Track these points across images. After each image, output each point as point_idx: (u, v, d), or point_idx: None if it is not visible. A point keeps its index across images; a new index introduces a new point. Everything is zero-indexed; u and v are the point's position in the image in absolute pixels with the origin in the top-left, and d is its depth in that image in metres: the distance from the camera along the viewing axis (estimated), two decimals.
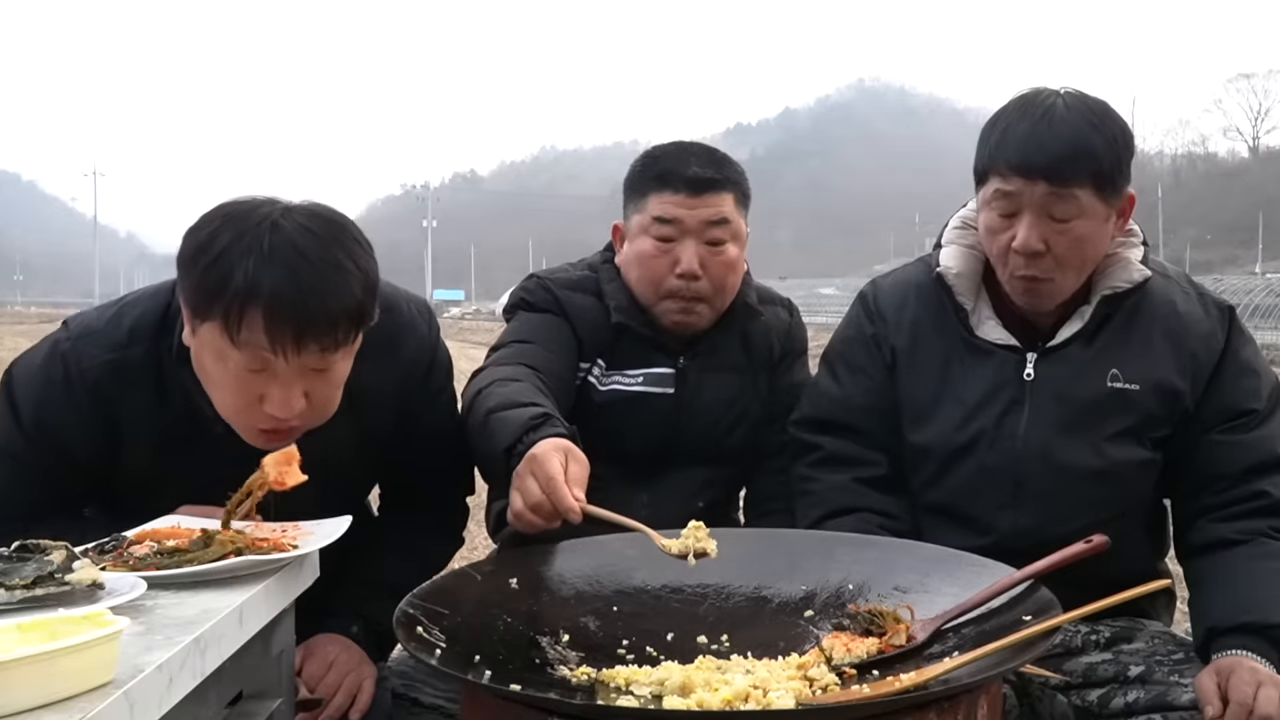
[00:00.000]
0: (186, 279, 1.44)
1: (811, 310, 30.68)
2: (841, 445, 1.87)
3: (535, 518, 1.46)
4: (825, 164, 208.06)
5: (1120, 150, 1.65)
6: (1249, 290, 23.90)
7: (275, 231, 1.41)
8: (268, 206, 1.46)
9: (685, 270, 1.91)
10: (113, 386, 1.55)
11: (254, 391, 1.45)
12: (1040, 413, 1.73)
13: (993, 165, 1.67)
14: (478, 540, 4.35)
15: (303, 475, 1.33)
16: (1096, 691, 1.68)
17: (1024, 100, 1.69)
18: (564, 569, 1.54)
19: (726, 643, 1.42)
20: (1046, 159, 1.61)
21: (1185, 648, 1.70)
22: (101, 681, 0.88)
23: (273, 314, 1.38)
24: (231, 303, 1.38)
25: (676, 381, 1.98)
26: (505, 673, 1.22)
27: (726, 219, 1.93)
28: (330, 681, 1.60)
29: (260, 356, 1.41)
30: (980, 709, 1.17)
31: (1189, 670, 1.62)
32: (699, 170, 1.92)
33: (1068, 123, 1.62)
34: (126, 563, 1.25)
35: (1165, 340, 1.75)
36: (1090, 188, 1.62)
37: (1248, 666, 1.51)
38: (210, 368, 1.46)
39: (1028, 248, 1.64)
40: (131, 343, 1.56)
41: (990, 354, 1.77)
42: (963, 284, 1.79)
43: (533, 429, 1.54)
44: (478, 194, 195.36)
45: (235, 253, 1.40)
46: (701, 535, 1.41)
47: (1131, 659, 1.69)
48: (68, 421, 1.56)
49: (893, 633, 1.33)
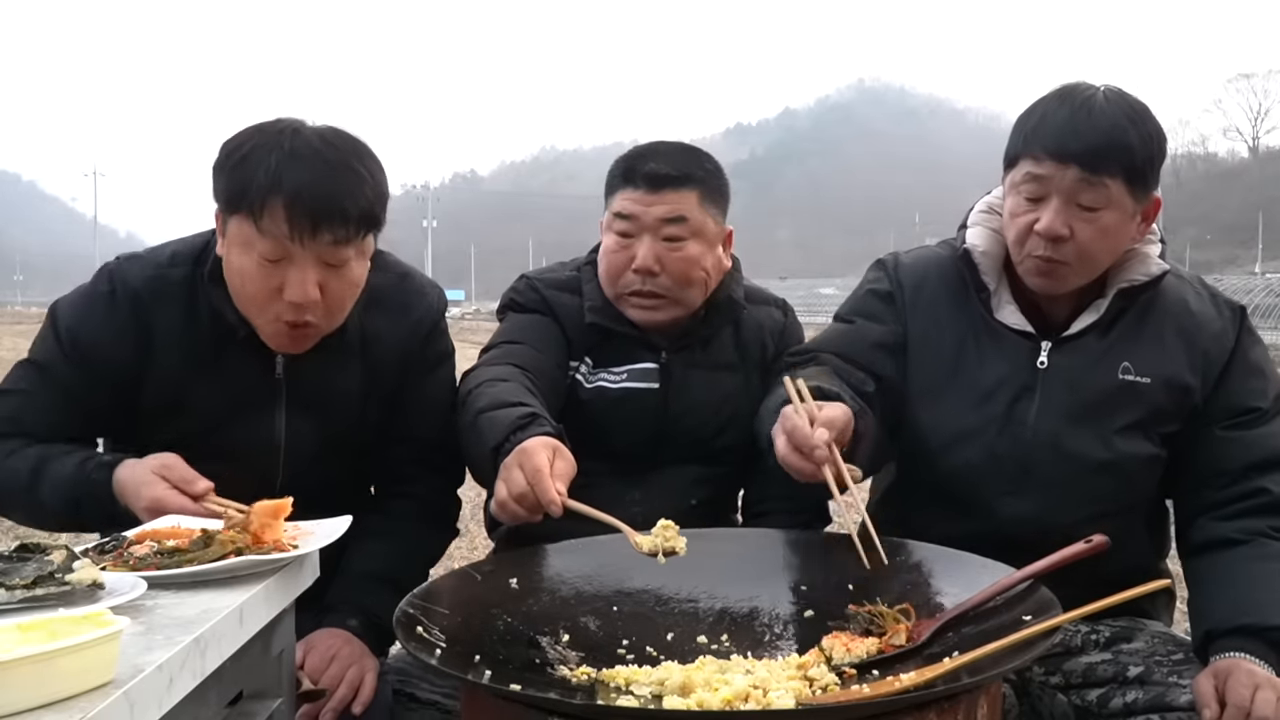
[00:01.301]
0: (219, 181, 1.62)
1: (811, 310, 30.68)
2: (835, 360, 1.82)
3: (518, 508, 1.49)
4: (825, 164, 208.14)
5: (1154, 150, 1.66)
6: (1249, 290, 23.90)
7: (297, 136, 1.61)
8: (292, 121, 1.65)
9: (639, 266, 1.92)
10: (152, 300, 1.70)
11: (274, 282, 1.59)
12: (1051, 401, 1.73)
13: (1027, 148, 1.67)
14: (478, 540, 4.36)
15: (282, 532, 1.35)
16: (1096, 691, 1.68)
17: (1065, 90, 1.70)
18: (564, 569, 1.54)
19: (726, 643, 1.42)
20: (1082, 145, 1.62)
21: (1184, 648, 1.69)
22: (101, 681, 0.88)
23: (292, 204, 1.55)
24: (256, 194, 1.56)
25: (661, 377, 1.99)
26: (505, 673, 1.22)
27: (683, 216, 1.92)
28: (332, 674, 1.60)
29: (281, 244, 1.57)
30: (980, 709, 1.17)
31: (1188, 671, 1.62)
32: (657, 167, 1.93)
33: (1106, 114, 1.63)
34: (126, 563, 1.25)
35: (1178, 337, 1.75)
36: (1121, 179, 1.62)
37: (1245, 669, 1.51)
38: (237, 261, 1.61)
39: (1051, 231, 1.64)
40: (173, 264, 1.73)
41: (1005, 339, 1.77)
42: (987, 263, 1.79)
43: (520, 428, 1.57)
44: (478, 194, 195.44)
45: (261, 153, 1.58)
46: (670, 534, 1.44)
47: (1131, 659, 1.69)
48: (105, 335, 1.69)
49: (893, 633, 1.34)
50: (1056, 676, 1.74)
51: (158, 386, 1.70)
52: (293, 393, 1.74)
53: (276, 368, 1.73)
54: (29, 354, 1.75)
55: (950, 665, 1.18)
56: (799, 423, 1.52)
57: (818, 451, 1.48)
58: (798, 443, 1.50)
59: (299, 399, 1.74)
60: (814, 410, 1.54)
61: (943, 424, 1.78)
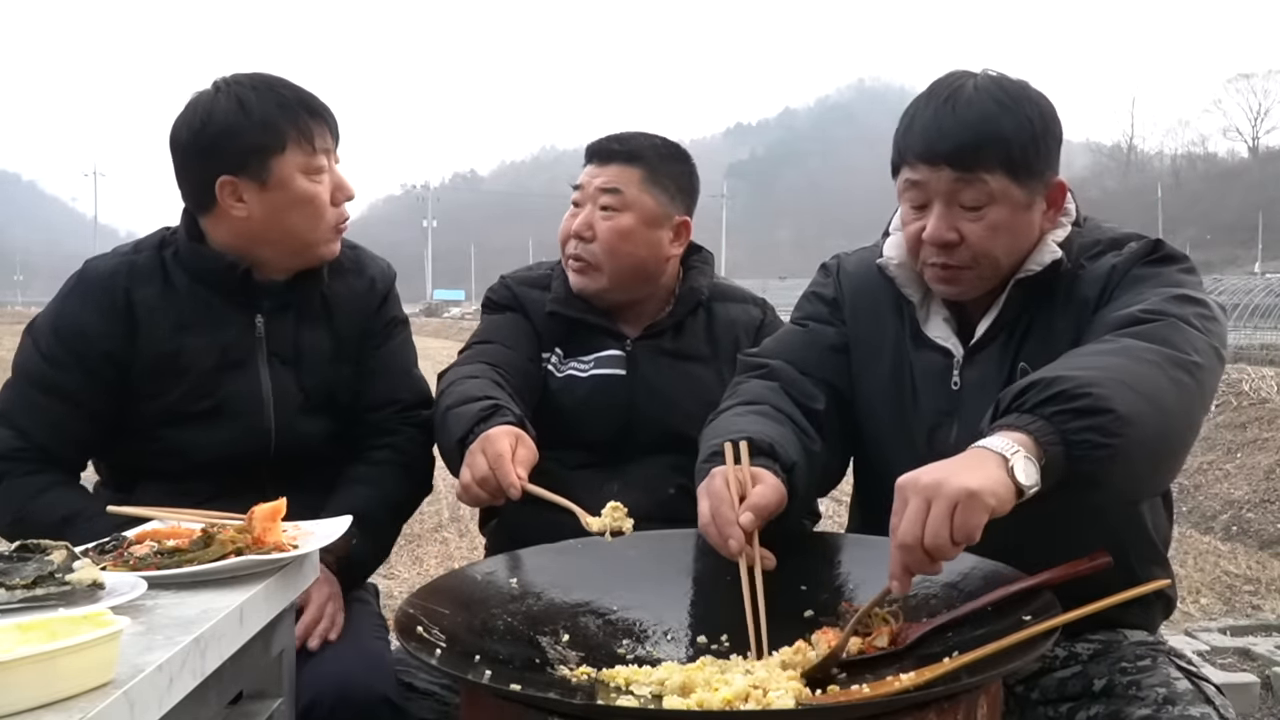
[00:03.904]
0: (240, 141, 1.75)
1: None
2: (788, 371, 1.73)
3: (480, 491, 1.61)
4: (825, 164, 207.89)
5: (1036, 133, 1.54)
6: (1249, 290, 23.87)
7: (253, 78, 1.81)
8: (226, 76, 1.82)
9: (575, 230, 2.06)
10: (126, 279, 1.82)
11: (325, 193, 1.82)
12: (968, 425, 1.51)
13: (902, 156, 1.59)
14: (478, 540, 4.36)
15: (282, 533, 1.37)
16: (1066, 705, 1.60)
17: (934, 86, 1.60)
18: (564, 569, 1.54)
19: (726, 643, 1.42)
20: (950, 143, 1.52)
21: (1154, 654, 1.59)
22: (101, 681, 0.88)
23: (323, 115, 1.82)
24: (297, 124, 1.77)
25: (628, 364, 2.06)
26: (505, 673, 1.22)
27: (618, 189, 2.04)
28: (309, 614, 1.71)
29: (325, 154, 1.82)
30: (980, 709, 1.17)
31: (1147, 679, 1.52)
32: (608, 144, 2.09)
33: (974, 105, 1.53)
34: (126, 563, 1.25)
35: (1065, 311, 1.58)
36: (1001, 172, 1.52)
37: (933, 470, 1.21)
38: (297, 191, 1.79)
39: (938, 237, 1.55)
40: (137, 251, 1.87)
41: (931, 357, 1.66)
42: (905, 275, 1.68)
43: (483, 419, 1.70)
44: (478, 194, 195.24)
45: (252, 102, 1.76)
46: (619, 515, 1.52)
47: (1098, 671, 1.58)
48: (87, 323, 1.79)
49: (876, 634, 1.33)
50: (1036, 692, 1.66)
51: (147, 359, 1.80)
52: (273, 348, 1.87)
53: (256, 326, 1.86)
54: (15, 373, 1.82)
55: (950, 665, 1.18)
56: (723, 503, 1.42)
57: (732, 543, 1.39)
58: (719, 524, 1.41)
59: (278, 353, 1.87)
60: (746, 484, 1.45)
61: (883, 457, 1.70)
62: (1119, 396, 1.25)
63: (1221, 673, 3.42)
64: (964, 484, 1.17)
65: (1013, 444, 1.22)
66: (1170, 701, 1.47)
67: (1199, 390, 1.37)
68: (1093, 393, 1.24)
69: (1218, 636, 3.81)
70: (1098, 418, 1.23)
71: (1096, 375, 1.27)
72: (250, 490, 1.61)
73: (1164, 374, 1.33)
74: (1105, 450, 1.23)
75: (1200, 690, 1.49)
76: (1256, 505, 6.57)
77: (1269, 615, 4.26)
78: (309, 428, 1.89)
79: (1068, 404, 1.24)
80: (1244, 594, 4.62)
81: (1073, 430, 1.23)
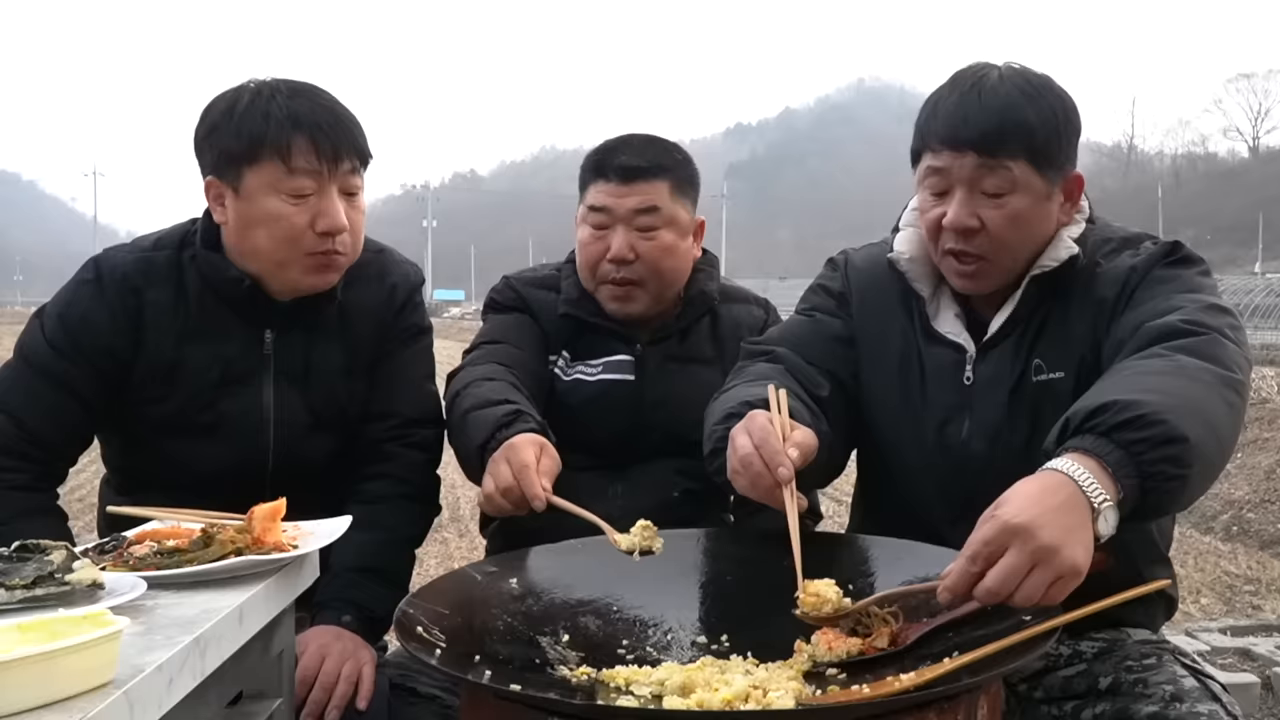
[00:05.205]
0: (219, 142, 1.69)
1: None
2: (792, 357, 1.72)
3: (504, 501, 1.57)
4: (825, 164, 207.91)
5: (1059, 125, 1.55)
6: (1249, 290, 23.88)
7: (281, 84, 1.71)
8: (256, 80, 1.73)
9: (615, 255, 1.97)
10: (140, 279, 1.76)
11: (305, 218, 1.69)
12: (980, 422, 1.59)
13: (924, 141, 1.59)
14: (478, 540, 4.36)
15: (281, 533, 1.36)
16: (1071, 703, 1.60)
17: (958, 75, 1.60)
18: (564, 569, 1.54)
19: (726, 643, 1.42)
20: (976, 129, 1.53)
21: (1159, 652, 1.59)
22: (101, 681, 0.88)
23: (314, 136, 1.67)
24: (278, 134, 1.65)
25: (636, 369, 2.03)
26: (505, 673, 1.22)
27: (656, 206, 1.98)
28: (328, 670, 1.61)
29: (311, 177, 1.67)
30: (980, 709, 1.17)
31: (1154, 676, 1.52)
32: (627, 159, 1.99)
33: (999, 94, 1.54)
34: (126, 563, 1.25)
35: (1081, 309, 1.58)
36: (1024, 160, 1.53)
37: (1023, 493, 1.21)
38: (262, 208, 1.68)
39: (959, 223, 1.55)
40: (157, 248, 1.80)
41: (941, 353, 1.66)
42: (916, 269, 1.68)
43: (505, 425, 1.66)
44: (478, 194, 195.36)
45: (260, 102, 1.67)
46: (649, 534, 1.48)
47: (1103, 669, 1.59)
48: (95, 318, 1.74)
49: (876, 635, 1.33)
50: (1039, 691, 1.66)
51: (150, 364, 1.76)
52: (280, 366, 1.80)
53: (265, 343, 1.79)
54: (17, 354, 1.78)
55: (950, 665, 1.18)
56: (772, 434, 1.43)
57: (783, 470, 1.40)
58: (766, 454, 1.41)
59: (286, 373, 1.80)
60: (787, 427, 1.47)
61: (890, 452, 1.70)
62: (1188, 424, 1.23)
63: (1222, 673, 3.40)
64: (1075, 561, 1.16)
65: (1089, 476, 1.20)
66: (1178, 699, 1.47)
67: (1243, 409, 1.38)
68: (1168, 420, 1.22)
69: (1218, 636, 3.82)
70: (1171, 447, 1.22)
71: (1166, 401, 1.25)
72: (250, 505, 1.58)
73: (1220, 396, 1.32)
74: (1177, 482, 1.23)
75: (1207, 688, 1.50)
76: (1257, 505, 6.58)
77: (1269, 615, 4.26)
78: (312, 449, 1.83)
79: (1143, 431, 1.22)
80: (1244, 594, 4.62)
81: (1148, 462, 1.21)
